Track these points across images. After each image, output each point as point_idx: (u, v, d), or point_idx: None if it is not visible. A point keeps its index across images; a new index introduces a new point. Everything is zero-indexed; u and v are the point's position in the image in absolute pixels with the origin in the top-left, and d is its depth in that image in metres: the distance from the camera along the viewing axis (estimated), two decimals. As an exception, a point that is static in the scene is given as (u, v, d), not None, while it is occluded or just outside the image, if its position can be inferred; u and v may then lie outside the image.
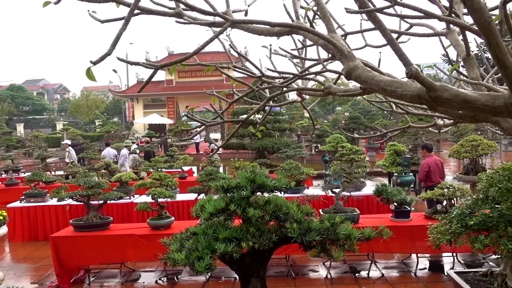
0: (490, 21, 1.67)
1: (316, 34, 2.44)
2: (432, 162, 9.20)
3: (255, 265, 2.96)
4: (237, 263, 2.91)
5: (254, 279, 2.97)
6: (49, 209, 9.49)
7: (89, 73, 2.00)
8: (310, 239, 2.74)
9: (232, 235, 2.71)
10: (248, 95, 3.76)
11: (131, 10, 2.02)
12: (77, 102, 53.88)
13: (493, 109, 1.90)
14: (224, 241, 2.65)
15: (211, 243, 2.65)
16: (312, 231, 2.76)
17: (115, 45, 2.00)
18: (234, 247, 2.62)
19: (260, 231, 2.78)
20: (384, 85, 2.19)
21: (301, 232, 2.75)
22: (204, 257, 2.59)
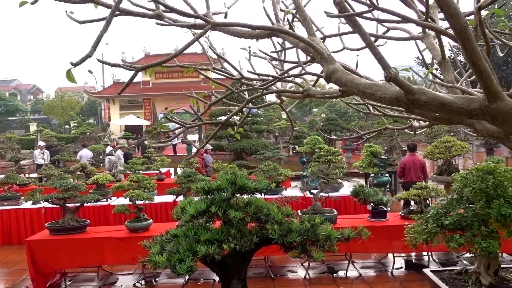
0: (466, 27, 1.72)
1: (297, 37, 2.47)
2: (409, 160, 9.66)
3: (236, 267, 2.97)
4: (218, 265, 2.92)
5: (235, 280, 2.98)
6: (23, 212, 9.29)
7: (69, 75, 1.98)
8: (291, 240, 2.77)
9: (214, 237, 2.71)
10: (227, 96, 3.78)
11: (112, 12, 2.01)
12: (51, 103, 52.84)
13: (468, 112, 1.96)
14: (205, 243, 2.65)
15: (192, 245, 2.65)
16: (292, 232, 2.79)
17: (96, 46, 1.98)
18: (216, 249, 2.62)
19: (241, 233, 2.79)
20: (363, 88, 2.23)
21: (282, 233, 2.77)
22: (185, 259, 2.58)
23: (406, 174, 9.54)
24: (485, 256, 3.65)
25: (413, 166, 9.53)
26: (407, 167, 9.54)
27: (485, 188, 3.48)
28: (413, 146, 10.06)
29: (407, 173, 9.53)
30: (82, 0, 2.20)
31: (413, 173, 9.48)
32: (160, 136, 30.94)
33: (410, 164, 9.56)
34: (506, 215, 3.32)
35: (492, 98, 1.85)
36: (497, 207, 3.35)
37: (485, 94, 1.86)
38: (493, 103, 1.86)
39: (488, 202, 3.49)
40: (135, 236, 6.71)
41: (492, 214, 3.37)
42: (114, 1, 2.21)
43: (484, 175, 3.55)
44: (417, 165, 9.59)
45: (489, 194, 3.49)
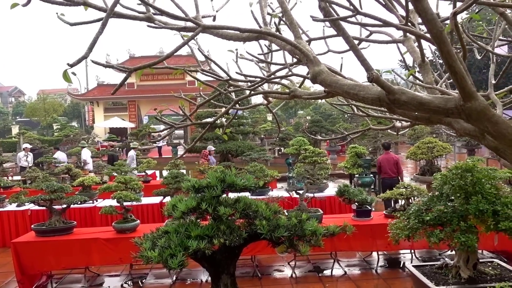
0: (441, 31, 1.84)
1: (284, 40, 2.58)
2: (384, 158, 10.30)
3: (225, 262, 3.06)
4: (208, 261, 3.01)
5: (225, 275, 3.07)
6: (8, 215, 9.22)
7: (65, 75, 2.05)
8: (279, 235, 2.87)
9: (204, 232, 2.80)
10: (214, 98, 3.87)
11: (108, 14, 2.09)
12: (33, 105, 52.17)
13: (445, 111, 2.09)
14: (196, 239, 2.74)
15: (183, 241, 2.74)
16: (280, 228, 2.89)
17: (92, 48, 2.06)
18: (206, 244, 2.71)
19: (230, 229, 2.88)
20: (347, 88, 2.34)
21: (270, 229, 2.88)
22: (177, 254, 2.66)
23: (383, 171, 10.16)
24: (464, 250, 3.80)
25: (388, 163, 10.16)
26: (383, 164, 10.17)
27: (463, 185, 3.63)
28: (388, 145, 10.72)
29: (384, 170, 10.14)
30: (73, 2, 2.27)
31: (389, 169, 10.12)
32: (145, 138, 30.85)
33: (385, 161, 10.19)
34: (483, 210, 3.47)
35: (467, 98, 1.98)
36: (475, 203, 3.50)
37: (460, 94, 1.99)
38: (467, 102, 1.99)
39: (466, 199, 3.65)
40: (122, 237, 6.75)
41: (471, 210, 3.52)
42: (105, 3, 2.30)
43: (463, 172, 3.70)
44: (391, 162, 10.22)
45: (467, 191, 3.64)
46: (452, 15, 2.03)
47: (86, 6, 2.28)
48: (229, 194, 3.46)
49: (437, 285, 3.78)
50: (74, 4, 2.25)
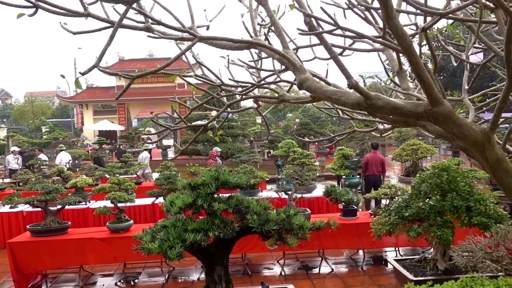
0: (410, 45, 2.10)
1: (273, 50, 2.83)
2: (371, 157, 10.73)
3: (219, 255, 3.29)
4: (203, 253, 3.24)
5: (219, 267, 3.31)
6: (1, 216, 9.35)
7: (77, 83, 2.28)
8: (269, 228, 3.11)
9: (200, 226, 3.03)
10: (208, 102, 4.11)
11: (116, 28, 2.32)
12: (21, 108, 51.86)
13: (416, 115, 2.35)
14: (192, 232, 2.96)
15: (181, 234, 2.97)
16: (270, 222, 3.13)
17: (101, 58, 2.29)
18: (202, 236, 2.94)
19: (224, 223, 3.12)
20: (330, 94, 2.60)
21: (260, 223, 3.11)
22: (175, 246, 2.89)
23: (369, 168, 10.56)
24: (441, 244, 4.07)
25: (374, 162, 10.59)
26: (370, 162, 10.59)
27: (440, 183, 3.91)
28: (376, 145, 11.24)
29: (370, 167, 10.55)
30: (78, 14, 2.49)
31: (374, 168, 10.54)
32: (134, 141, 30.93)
33: (372, 160, 10.63)
34: (458, 206, 3.75)
35: (434, 103, 2.25)
36: (450, 200, 3.78)
37: (428, 99, 2.26)
38: (434, 107, 2.25)
39: (443, 196, 3.92)
40: (116, 237, 6.94)
41: (446, 206, 3.80)
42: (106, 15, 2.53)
43: (440, 172, 3.98)
44: (378, 161, 10.67)
45: (443, 188, 3.92)
46: (421, 30, 2.30)
47: (90, 17, 2.51)
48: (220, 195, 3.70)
49: (416, 276, 4.06)
50: (79, 16, 2.47)
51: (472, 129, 2.31)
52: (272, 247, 4.43)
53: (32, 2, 2.27)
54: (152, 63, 39.56)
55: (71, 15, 2.45)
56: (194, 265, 7.64)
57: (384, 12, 2.04)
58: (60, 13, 2.44)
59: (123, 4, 2.34)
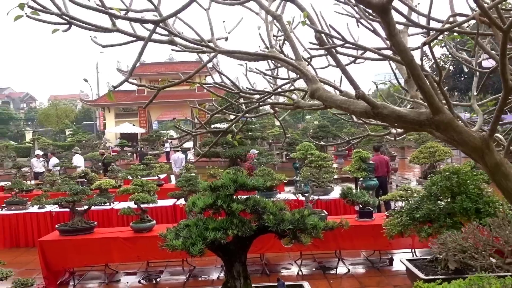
0: (412, 59, 2.30)
1: (287, 62, 3.05)
2: (376, 159, 11.10)
3: (237, 252, 3.52)
4: (223, 250, 3.48)
5: (237, 263, 3.53)
6: (30, 216, 9.77)
7: (109, 95, 2.54)
8: (284, 228, 3.32)
9: (220, 225, 3.26)
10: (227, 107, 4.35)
11: (145, 45, 2.56)
12: (46, 111, 53.15)
13: (419, 123, 2.54)
14: (213, 230, 3.20)
15: (202, 232, 3.20)
16: (285, 221, 3.34)
17: (131, 72, 2.55)
18: (222, 234, 3.17)
19: (242, 222, 3.34)
20: (340, 103, 2.80)
21: (276, 222, 3.33)
22: (197, 243, 3.13)
23: (377, 170, 10.88)
24: (452, 244, 4.22)
25: (380, 164, 10.99)
26: (377, 164, 10.92)
27: (450, 186, 4.06)
28: (378, 147, 11.79)
29: (377, 170, 10.88)
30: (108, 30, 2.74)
31: (381, 169, 10.94)
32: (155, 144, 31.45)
33: (377, 162, 10.97)
34: (467, 208, 3.90)
35: (435, 112, 2.43)
36: (460, 202, 3.93)
37: (430, 109, 2.44)
38: (436, 116, 2.44)
39: (453, 198, 4.08)
40: (140, 236, 7.24)
41: (456, 208, 3.95)
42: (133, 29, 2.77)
43: (450, 175, 4.13)
44: (383, 162, 11.13)
45: (453, 191, 4.07)
46: (422, 45, 2.49)
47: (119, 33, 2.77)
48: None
49: (427, 275, 4.21)
50: (109, 31, 2.72)
51: (472, 135, 2.48)
52: (288, 246, 4.63)
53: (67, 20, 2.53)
54: (172, 66, 40.17)
55: (101, 31, 2.70)
56: (214, 265, 7.89)
57: (387, 30, 2.25)
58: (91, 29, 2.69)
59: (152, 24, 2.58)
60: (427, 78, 2.52)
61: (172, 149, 18.98)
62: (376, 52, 2.69)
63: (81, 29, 2.64)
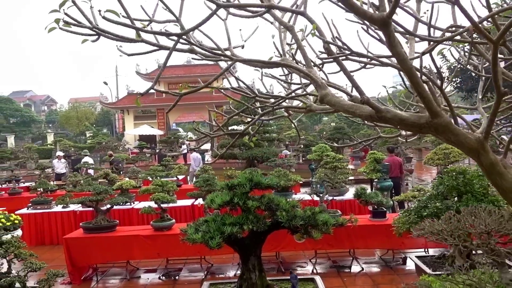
0: (411, 68, 2.51)
1: (298, 69, 3.28)
2: (390, 160, 11.41)
3: (253, 246, 3.76)
4: (239, 245, 3.72)
5: (253, 257, 3.77)
6: (55, 215, 10.18)
7: (137, 102, 2.81)
8: (296, 223, 3.55)
9: (236, 221, 3.51)
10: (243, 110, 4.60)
11: (168, 56, 2.82)
12: (67, 114, 54.23)
13: (419, 126, 2.75)
14: (230, 225, 3.44)
15: (220, 227, 3.45)
16: (297, 218, 3.57)
17: (156, 81, 2.82)
18: (238, 229, 3.42)
19: (257, 218, 3.58)
20: (347, 107, 3.03)
21: (288, 218, 3.56)
22: (215, 237, 3.38)
23: (391, 171, 11.15)
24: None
25: (394, 165, 11.31)
26: (390, 166, 11.20)
27: (456, 185, 4.24)
28: (392, 149, 12.10)
29: (391, 170, 11.17)
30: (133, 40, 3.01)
31: (394, 170, 11.25)
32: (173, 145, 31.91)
33: (391, 163, 11.29)
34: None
35: (433, 116, 2.64)
36: (466, 201, 4.11)
37: (428, 113, 2.65)
38: (434, 119, 2.64)
39: (459, 197, 4.25)
40: (160, 234, 7.55)
41: (462, 207, 4.12)
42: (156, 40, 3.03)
43: (457, 175, 4.31)
44: (396, 163, 11.46)
45: (460, 190, 4.25)
46: (421, 54, 2.70)
47: (144, 43, 3.04)
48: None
49: (434, 271, 4.39)
50: (135, 42, 2.98)
51: (468, 137, 2.68)
52: (300, 241, 4.86)
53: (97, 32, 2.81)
54: (190, 69, 40.66)
55: (128, 41, 2.97)
56: (231, 262, 8.15)
57: (387, 41, 2.47)
58: (118, 40, 2.97)
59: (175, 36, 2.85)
60: (428, 84, 2.74)
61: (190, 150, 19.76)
62: (378, 60, 2.91)
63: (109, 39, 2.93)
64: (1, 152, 24.16)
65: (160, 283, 7.72)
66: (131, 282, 7.74)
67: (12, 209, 11.16)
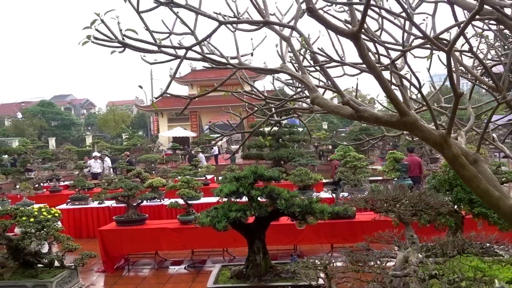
0: (379, 74, 2.95)
1: (293, 76, 3.77)
2: (409, 160, 11.80)
3: (257, 231, 4.25)
4: (246, 230, 4.21)
5: (257, 240, 4.26)
6: (91, 211, 10.98)
7: (153, 105, 3.37)
8: (293, 210, 4.02)
9: (241, 208, 4.01)
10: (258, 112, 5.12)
11: (179, 64, 3.36)
12: (105, 117, 56.14)
13: (391, 123, 3.18)
14: (235, 211, 3.95)
15: (226, 213, 3.96)
16: (294, 205, 4.03)
17: (168, 86, 3.37)
18: (242, 214, 3.92)
19: (259, 205, 4.07)
20: (333, 108, 3.49)
21: (287, 206, 4.03)
22: (221, 221, 3.89)
23: (410, 171, 11.53)
24: (452, 231, 4.75)
25: (413, 164, 11.69)
26: (409, 165, 11.57)
27: (447, 179, 4.59)
28: (412, 149, 12.60)
29: (410, 170, 11.54)
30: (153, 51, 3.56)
31: (413, 170, 11.64)
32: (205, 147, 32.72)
33: (410, 163, 11.68)
34: (461, 198, 4.42)
35: (402, 114, 3.06)
36: (456, 193, 4.46)
37: (398, 112, 3.08)
38: (403, 117, 3.07)
39: (451, 190, 4.61)
40: (185, 228, 8.14)
41: (452, 199, 4.48)
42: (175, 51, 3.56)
43: (449, 170, 4.66)
44: (416, 163, 11.88)
45: (451, 183, 4.60)
46: (391, 62, 3.14)
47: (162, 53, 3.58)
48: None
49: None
50: (155, 52, 3.53)
51: (433, 133, 3.10)
52: (300, 227, 5.30)
53: (122, 44, 3.37)
54: (221, 72, 41.41)
55: (149, 52, 3.51)
56: (252, 255, 8.66)
57: (358, 52, 2.92)
58: (141, 51, 3.52)
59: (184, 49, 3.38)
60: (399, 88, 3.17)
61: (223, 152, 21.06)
62: (353, 66, 3.36)
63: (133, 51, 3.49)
64: (43, 154, 25.50)
65: (185, 273, 8.31)
66: (159, 271, 8.37)
67: (53, 205, 11.99)
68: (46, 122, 60.29)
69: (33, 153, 24.11)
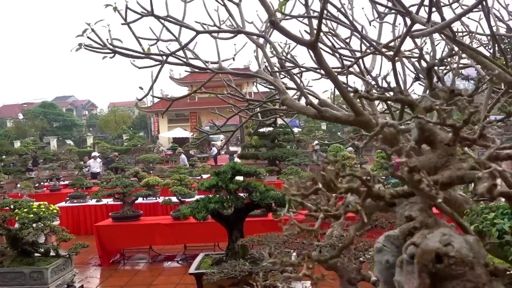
0: (335, 78, 3.33)
1: (266, 79, 4.14)
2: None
3: (236, 223, 4.62)
4: (225, 221, 4.59)
5: (236, 230, 4.63)
6: (89, 208, 11.37)
7: (137, 105, 3.74)
8: (267, 202, 4.39)
9: (219, 200, 4.38)
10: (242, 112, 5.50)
11: (160, 70, 3.74)
12: (106, 118, 56.60)
13: (350, 122, 3.54)
14: (214, 203, 4.32)
15: (206, 204, 4.33)
16: (268, 198, 4.41)
17: (150, 89, 3.74)
18: (220, 206, 4.29)
19: (237, 198, 4.44)
20: (300, 108, 3.86)
21: (261, 198, 4.40)
22: (201, 211, 4.27)
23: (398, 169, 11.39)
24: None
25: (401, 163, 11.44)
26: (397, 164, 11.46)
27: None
28: None
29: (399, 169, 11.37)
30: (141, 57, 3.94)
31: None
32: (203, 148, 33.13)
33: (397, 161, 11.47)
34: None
35: (357, 114, 3.43)
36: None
37: (353, 112, 3.45)
38: (357, 117, 3.44)
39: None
40: (178, 223, 8.51)
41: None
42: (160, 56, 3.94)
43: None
44: None
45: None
46: (347, 68, 3.51)
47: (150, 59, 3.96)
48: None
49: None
50: (142, 58, 3.91)
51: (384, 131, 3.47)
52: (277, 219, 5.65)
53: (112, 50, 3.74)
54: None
55: (137, 57, 3.89)
56: (242, 250, 9.03)
57: (316, 58, 3.29)
58: (129, 56, 3.89)
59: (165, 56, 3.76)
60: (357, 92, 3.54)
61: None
62: (314, 71, 3.74)
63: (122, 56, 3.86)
64: (44, 154, 25.95)
65: (178, 266, 8.69)
66: (153, 265, 8.75)
67: (52, 203, 12.31)
68: (48, 123, 60.76)
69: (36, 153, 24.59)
